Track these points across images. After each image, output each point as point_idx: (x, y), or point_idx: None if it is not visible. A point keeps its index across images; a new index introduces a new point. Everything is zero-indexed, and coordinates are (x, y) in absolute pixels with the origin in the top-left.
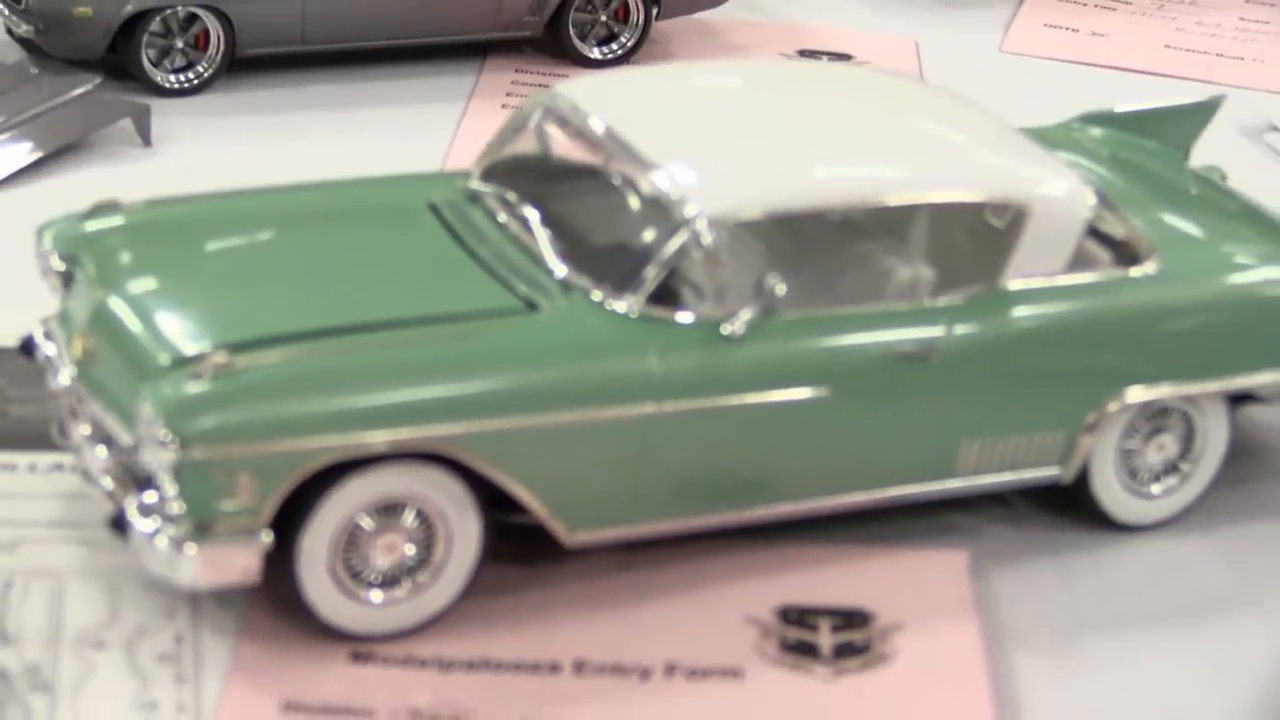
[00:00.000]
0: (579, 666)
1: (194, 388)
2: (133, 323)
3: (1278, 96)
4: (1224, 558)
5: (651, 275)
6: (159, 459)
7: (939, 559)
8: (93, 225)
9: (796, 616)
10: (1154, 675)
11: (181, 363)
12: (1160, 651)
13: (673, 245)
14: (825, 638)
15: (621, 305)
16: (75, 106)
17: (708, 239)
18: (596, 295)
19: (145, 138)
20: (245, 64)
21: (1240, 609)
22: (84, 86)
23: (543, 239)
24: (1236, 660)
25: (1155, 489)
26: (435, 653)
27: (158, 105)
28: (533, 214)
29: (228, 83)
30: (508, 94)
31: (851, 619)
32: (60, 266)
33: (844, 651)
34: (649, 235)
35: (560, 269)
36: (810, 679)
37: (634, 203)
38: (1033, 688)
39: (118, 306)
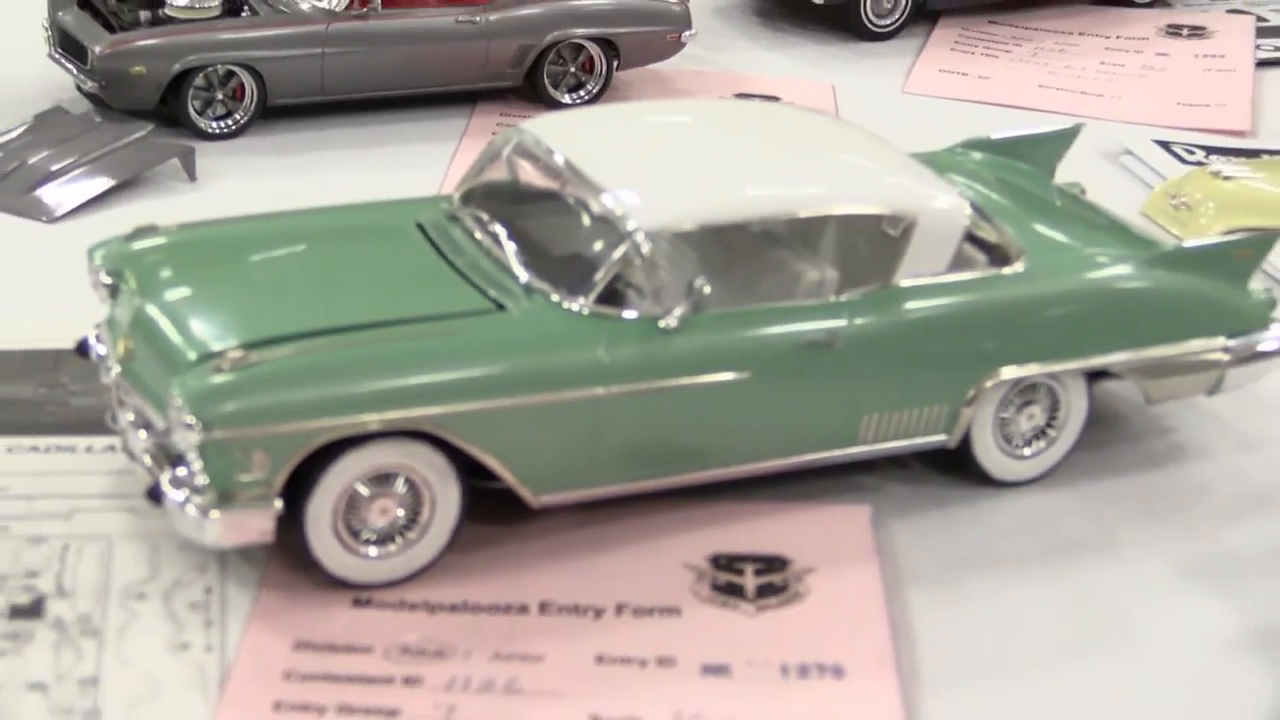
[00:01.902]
0: (544, 607)
1: (215, 379)
2: (166, 326)
3: (1130, 126)
4: (1085, 508)
5: (600, 279)
6: (187, 440)
7: (845, 512)
8: (134, 245)
9: (725, 562)
10: (1025, 607)
11: (205, 358)
12: (1031, 588)
13: (617, 254)
14: (750, 580)
15: (575, 305)
16: (132, 149)
17: (646, 248)
18: (555, 297)
19: (191, 174)
20: (275, 111)
21: (1098, 552)
22: (139, 132)
23: (510, 251)
24: (1095, 594)
25: (1026, 451)
26: (423, 598)
27: (201, 147)
28: (502, 230)
29: (260, 127)
30: (493, 133)
31: (772, 564)
32: (108, 280)
33: (765, 591)
34: (598, 246)
35: (524, 275)
36: (737, 614)
37: (586, 220)
38: (924, 619)
39: (154, 313)
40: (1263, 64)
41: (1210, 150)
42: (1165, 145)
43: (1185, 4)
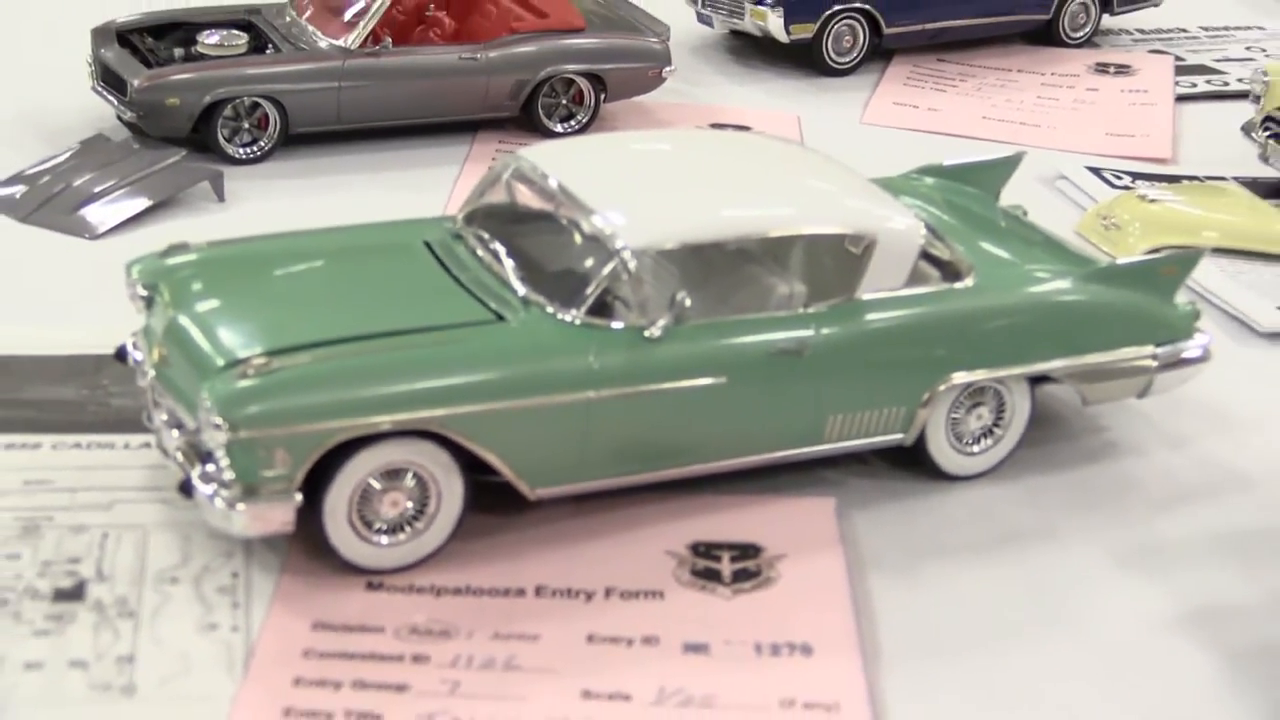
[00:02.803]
0: (539, 590)
1: (241, 384)
2: (196, 334)
3: (1064, 154)
4: (1028, 500)
5: (591, 293)
6: (215, 439)
7: (812, 504)
8: (167, 261)
9: (704, 550)
10: (975, 590)
11: (232, 364)
12: (980, 572)
13: (606, 270)
14: (726, 566)
15: (568, 316)
16: (167, 172)
17: (633, 265)
18: (549, 309)
19: (220, 196)
20: (296, 139)
21: (1041, 539)
22: (174, 157)
23: (509, 267)
24: (1037, 577)
25: (975, 449)
26: (430, 582)
27: (230, 171)
28: (501, 248)
29: (283, 154)
30: (493, 159)
31: (746, 551)
32: (144, 293)
33: (740, 576)
34: (589, 263)
35: (522, 289)
36: (714, 597)
37: (577, 239)
38: (884, 601)
39: (185, 322)
40: (1181, 99)
41: (1136, 176)
42: (1096, 171)
43: (1112, 45)
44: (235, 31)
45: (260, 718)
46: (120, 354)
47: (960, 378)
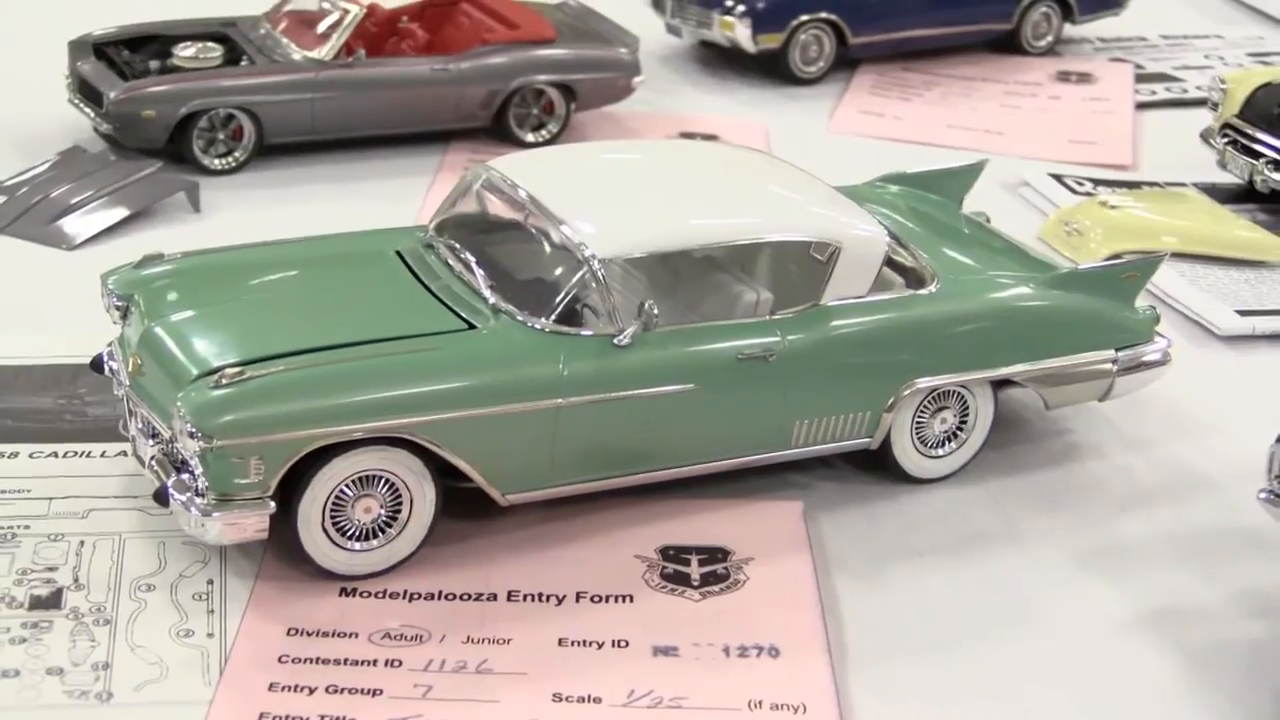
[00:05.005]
0: (511, 595)
1: (215, 393)
2: (171, 344)
3: (1027, 161)
4: (991, 502)
5: (560, 301)
6: (190, 448)
7: (780, 508)
8: (143, 271)
9: (673, 553)
10: (939, 591)
11: (206, 374)
12: (944, 573)
13: (575, 279)
14: (695, 569)
15: (538, 324)
16: (143, 183)
17: (601, 273)
18: (519, 317)
19: (196, 206)
20: (270, 150)
21: (1004, 541)
22: (150, 168)
23: (479, 276)
24: (1001, 579)
25: (940, 452)
26: (403, 587)
27: (205, 182)
28: (472, 257)
29: (257, 164)
30: (465, 169)
31: (714, 554)
32: (119, 303)
33: (709, 579)
34: (558, 272)
35: (492, 298)
36: (684, 600)
37: (547, 248)
38: (850, 603)
39: (160, 332)
40: (1141, 106)
41: (1097, 182)
42: (1058, 178)
43: (1073, 53)
44: (210, 44)
45: None
46: (97, 364)
47: (924, 382)
